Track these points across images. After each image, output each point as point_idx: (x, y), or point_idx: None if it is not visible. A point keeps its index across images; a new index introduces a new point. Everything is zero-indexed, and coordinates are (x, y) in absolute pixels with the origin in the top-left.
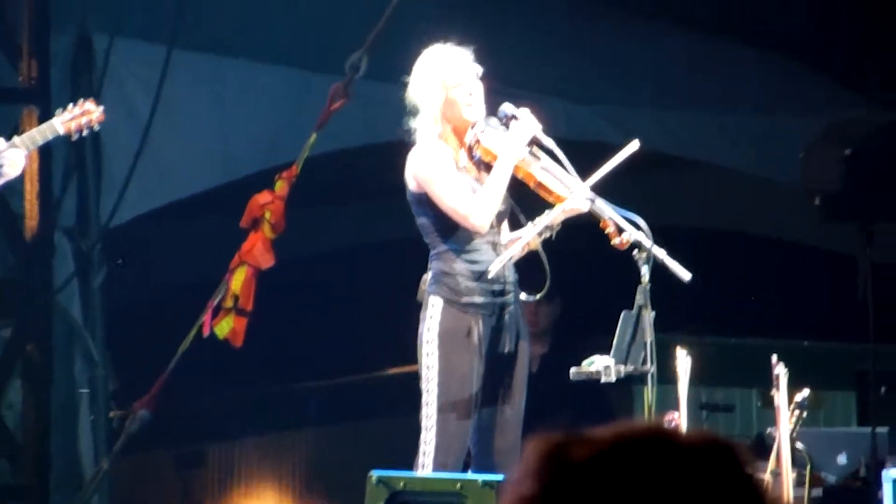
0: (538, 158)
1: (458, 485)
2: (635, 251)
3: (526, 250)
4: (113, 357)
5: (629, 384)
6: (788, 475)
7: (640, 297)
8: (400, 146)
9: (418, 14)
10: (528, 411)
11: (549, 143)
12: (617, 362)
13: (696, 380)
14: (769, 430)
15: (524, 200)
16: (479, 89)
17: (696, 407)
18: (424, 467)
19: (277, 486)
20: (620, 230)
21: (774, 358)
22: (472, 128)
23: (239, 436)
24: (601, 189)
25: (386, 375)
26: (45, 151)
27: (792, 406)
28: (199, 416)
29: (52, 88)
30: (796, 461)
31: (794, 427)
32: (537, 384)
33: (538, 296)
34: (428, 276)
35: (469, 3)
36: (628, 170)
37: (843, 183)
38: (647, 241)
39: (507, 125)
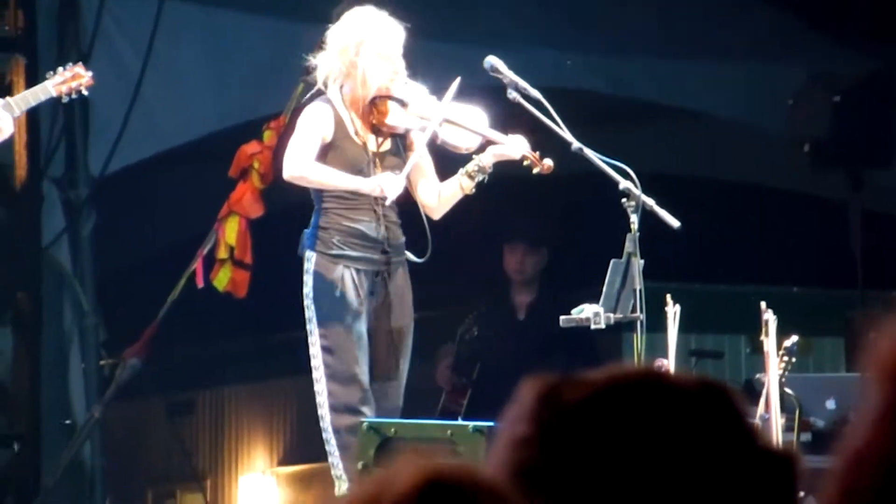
0: (452, 123)
1: (449, 431)
2: (624, 200)
3: (462, 194)
4: (103, 306)
5: (619, 332)
6: (777, 420)
7: (630, 245)
8: None
9: None
10: (518, 358)
11: (536, 94)
12: (606, 310)
13: (685, 327)
14: (758, 375)
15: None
16: (402, 65)
17: (685, 354)
18: (323, 418)
19: (268, 433)
20: (542, 158)
21: (763, 304)
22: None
23: (229, 383)
24: (585, 139)
25: None
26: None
27: (781, 352)
28: (189, 364)
29: (39, 38)
30: (785, 406)
31: (783, 373)
32: (525, 332)
33: (421, 260)
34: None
35: None
36: (617, 120)
37: (831, 130)
38: (635, 190)
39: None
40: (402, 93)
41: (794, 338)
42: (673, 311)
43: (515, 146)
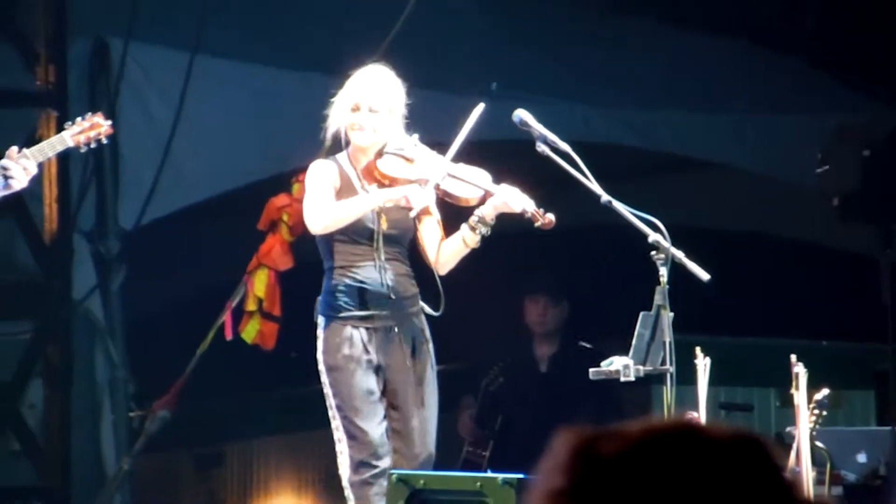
0: (455, 178)
1: (478, 483)
2: (653, 252)
3: (468, 249)
4: (132, 358)
5: (648, 384)
6: (808, 473)
7: (659, 297)
8: None
9: (432, 22)
10: (541, 411)
11: (565, 147)
12: (636, 362)
13: (715, 379)
14: (788, 429)
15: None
16: (369, 116)
17: (714, 407)
18: (342, 476)
19: (296, 485)
20: (544, 213)
21: (793, 357)
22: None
23: (257, 435)
24: (614, 192)
25: None
26: (64, 156)
27: (811, 405)
28: (218, 416)
29: (70, 92)
30: (816, 460)
31: (814, 426)
32: (548, 384)
33: (437, 313)
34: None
35: (483, 10)
36: (645, 173)
37: (861, 184)
38: (664, 242)
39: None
40: (407, 148)
41: (825, 391)
42: (703, 363)
43: (516, 199)
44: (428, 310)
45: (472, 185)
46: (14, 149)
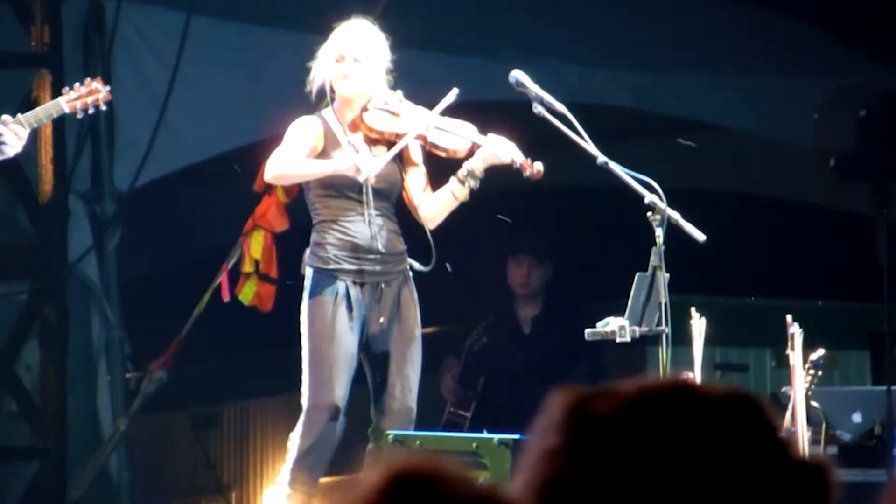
0: (441, 130)
1: (475, 444)
2: (649, 213)
3: (457, 202)
4: (129, 319)
5: (643, 345)
6: (804, 433)
7: (655, 258)
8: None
9: None
10: (523, 372)
11: (562, 108)
12: (632, 323)
13: (710, 340)
14: (783, 388)
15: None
16: (354, 66)
17: (710, 367)
18: (297, 426)
19: None
20: (532, 162)
21: (789, 318)
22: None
23: (254, 396)
24: (610, 153)
25: None
26: (58, 118)
27: (807, 365)
28: (215, 377)
29: (65, 53)
30: (811, 419)
31: (809, 386)
32: (530, 345)
33: (427, 268)
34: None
35: None
36: (642, 134)
37: (857, 144)
38: (661, 203)
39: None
40: (392, 103)
41: (821, 351)
42: (698, 324)
43: (505, 150)
44: (417, 266)
45: (459, 136)
46: (7, 117)
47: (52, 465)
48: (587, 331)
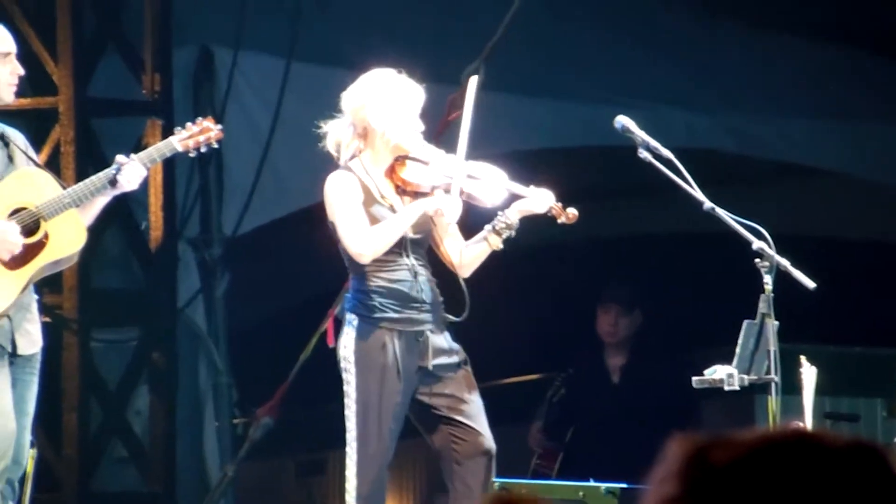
0: (474, 179)
1: (581, 492)
2: (758, 260)
3: (490, 250)
4: (236, 365)
5: (751, 394)
6: None
7: (763, 305)
8: (518, 156)
9: (532, 26)
10: (613, 422)
11: (667, 153)
12: (740, 371)
13: (820, 389)
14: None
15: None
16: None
17: (820, 416)
18: (348, 479)
19: (397, 492)
20: (565, 208)
21: None
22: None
23: None
24: (714, 199)
25: (499, 385)
26: (169, 163)
27: None
28: (321, 423)
29: (175, 100)
30: None
31: None
32: (620, 395)
33: (460, 318)
34: (347, 295)
35: (583, 15)
36: (751, 180)
37: None
38: (769, 250)
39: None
40: (421, 152)
41: None
42: (808, 372)
43: (540, 200)
44: (450, 317)
45: (494, 187)
46: (122, 157)
47: None
48: (694, 378)
